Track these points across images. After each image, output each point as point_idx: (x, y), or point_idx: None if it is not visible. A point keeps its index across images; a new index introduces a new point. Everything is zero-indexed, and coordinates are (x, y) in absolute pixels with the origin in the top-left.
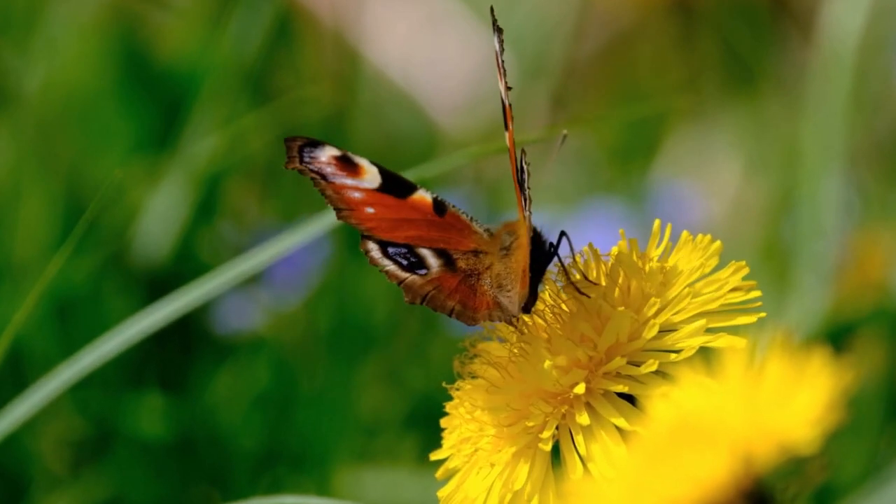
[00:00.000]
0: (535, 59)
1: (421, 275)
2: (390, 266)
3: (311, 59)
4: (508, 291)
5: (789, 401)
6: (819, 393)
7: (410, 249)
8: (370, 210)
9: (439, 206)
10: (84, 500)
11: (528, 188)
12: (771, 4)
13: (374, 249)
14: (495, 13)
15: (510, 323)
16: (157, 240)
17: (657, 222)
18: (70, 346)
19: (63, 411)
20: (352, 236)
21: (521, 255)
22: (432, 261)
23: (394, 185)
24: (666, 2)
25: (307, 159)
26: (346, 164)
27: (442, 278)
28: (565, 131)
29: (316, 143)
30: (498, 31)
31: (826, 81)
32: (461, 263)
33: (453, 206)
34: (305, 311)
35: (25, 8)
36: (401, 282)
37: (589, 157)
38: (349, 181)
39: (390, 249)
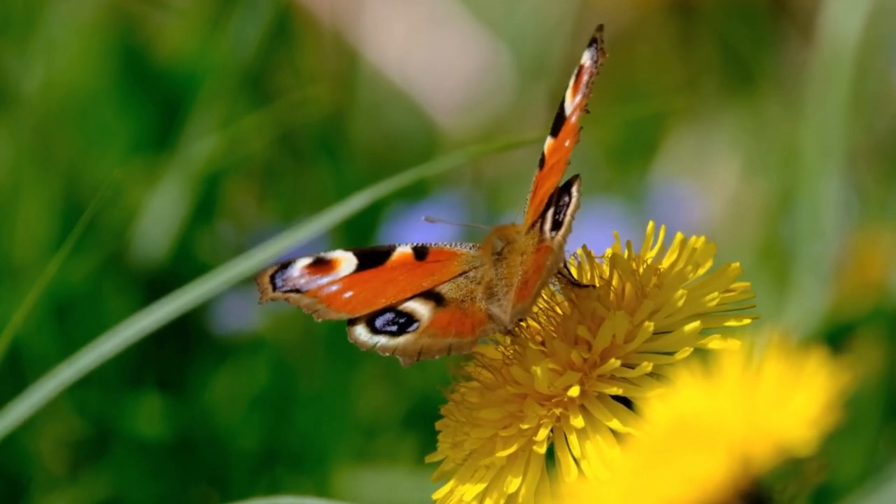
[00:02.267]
0: (534, 58)
1: (413, 331)
2: (382, 339)
3: (311, 59)
4: (501, 301)
5: (787, 401)
6: (817, 393)
7: (396, 311)
8: (348, 295)
9: (420, 254)
10: (83, 501)
11: (573, 217)
12: (770, 5)
13: (362, 333)
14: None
15: (504, 333)
16: (156, 240)
17: (651, 224)
18: (69, 346)
19: (62, 411)
20: (351, 236)
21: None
22: (421, 310)
23: (371, 259)
24: (665, 2)
25: (279, 284)
26: (319, 264)
27: (434, 322)
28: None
29: (286, 264)
30: (601, 52)
31: (825, 82)
32: (451, 294)
33: (433, 245)
34: None
35: (24, 8)
36: (393, 351)
37: (588, 156)
38: (324, 279)
39: (377, 321)
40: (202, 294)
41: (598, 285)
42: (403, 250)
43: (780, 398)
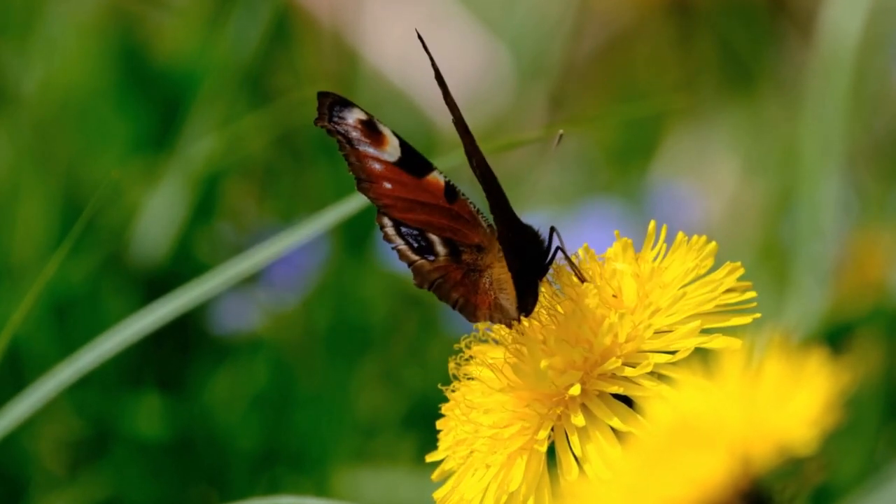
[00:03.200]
0: (533, 59)
1: (430, 260)
2: (403, 245)
3: (310, 59)
4: (507, 294)
5: (787, 401)
6: (817, 393)
7: (421, 233)
8: (388, 185)
9: (451, 192)
10: (82, 501)
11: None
12: (769, 4)
13: (388, 226)
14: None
15: (509, 325)
16: (156, 240)
17: (652, 224)
18: (68, 346)
19: (61, 411)
20: (351, 237)
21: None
22: (440, 248)
23: (412, 162)
24: (664, 2)
25: (336, 119)
26: (371, 130)
27: (448, 268)
28: (561, 131)
29: (345, 103)
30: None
31: (825, 81)
32: (466, 256)
33: (464, 195)
34: (304, 311)
35: (24, 8)
36: (411, 263)
37: (587, 157)
38: (371, 150)
39: (403, 229)
40: (202, 294)
41: (599, 284)
42: (438, 177)
43: (780, 398)
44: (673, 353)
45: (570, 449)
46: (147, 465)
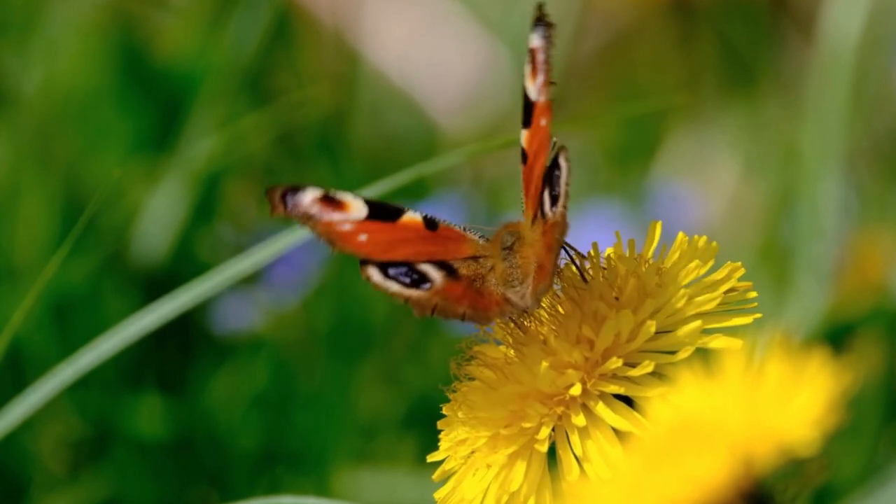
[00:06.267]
0: None
1: (425, 289)
2: (394, 286)
3: (311, 59)
4: (517, 288)
5: (789, 401)
6: (818, 394)
7: (410, 266)
8: (363, 238)
9: (430, 223)
10: (83, 501)
11: (567, 184)
12: (770, 4)
13: (374, 274)
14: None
15: (522, 315)
16: (156, 240)
17: (654, 224)
18: (68, 346)
19: (62, 411)
20: None
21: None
22: (434, 274)
23: (381, 213)
24: (665, 2)
25: (290, 205)
26: (330, 201)
27: (447, 288)
28: (555, 139)
29: (297, 188)
30: (548, 26)
31: (825, 82)
32: (463, 270)
33: (443, 220)
34: (304, 311)
35: (24, 8)
36: (406, 299)
37: (588, 157)
38: (336, 216)
39: (391, 270)
40: (202, 294)
41: (600, 284)
42: (413, 216)
43: (781, 398)
44: (674, 353)
45: (571, 449)
46: (147, 465)
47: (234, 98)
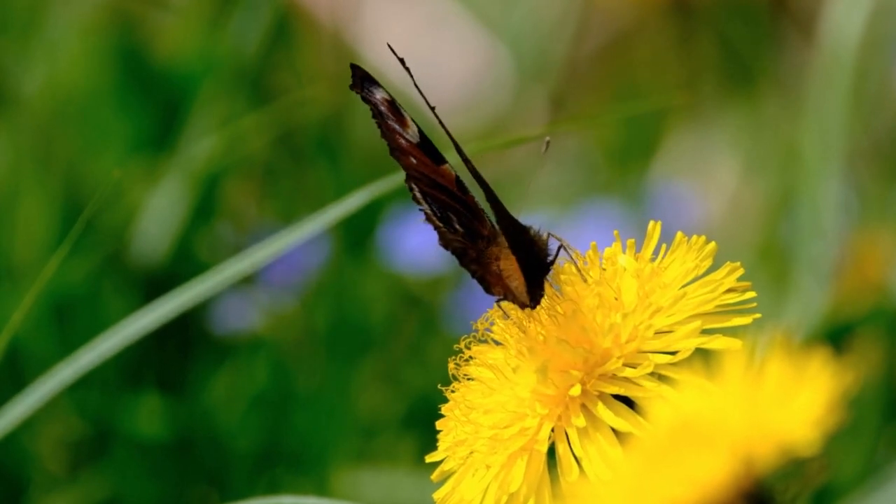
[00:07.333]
0: (534, 59)
1: (449, 230)
2: (429, 210)
3: (310, 59)
4: (516, 284)
5: (789, 401)
6: (819, 394)
7: (442, 209)
8: (413, 160)
9: (461, 186)
10: (82, 501)
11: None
12: (770, 4)
13: (416, 189)
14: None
15: (522, 308)
16: (156, 240)
17: (653, 224)
18: (68, 346)
19: (61, 411)
20: (351, 237)
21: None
22: (458, 227)
23: (428, 151)
24: (665, 2)
25: (366, 92)
26: (395, 110)
27: (466, 244)
28: (548, 138)
29: (373, 81)
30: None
31: (825, 82)
32: (479, 243)
33: (469, 191)
34: (303, 311)
35: (25, 8)
36: (436, 227)
37: (587, 157)
38: (397, 127)
39: (428, 199)
40: (202, 293)
41: (600, 285)
42: (450, 170)
43: (782, 398)
44: (674, 353)
45: (571, 449)
46: (147, 465)
47: (233, 98)
